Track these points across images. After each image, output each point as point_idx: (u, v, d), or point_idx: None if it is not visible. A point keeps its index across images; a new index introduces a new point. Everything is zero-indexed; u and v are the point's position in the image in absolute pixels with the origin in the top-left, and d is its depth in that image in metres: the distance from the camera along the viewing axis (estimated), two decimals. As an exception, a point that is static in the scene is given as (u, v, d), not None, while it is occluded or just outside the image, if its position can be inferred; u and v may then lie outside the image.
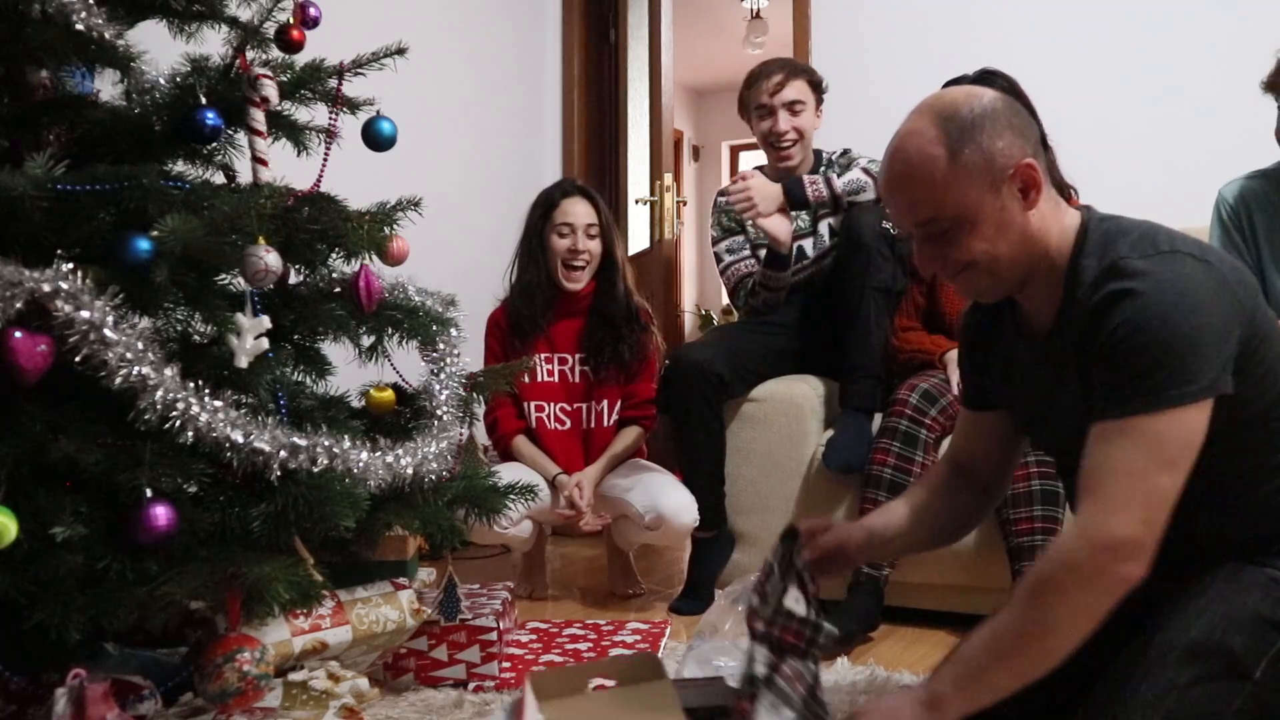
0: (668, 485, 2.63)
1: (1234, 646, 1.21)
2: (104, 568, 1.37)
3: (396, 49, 1.84)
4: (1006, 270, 1.29)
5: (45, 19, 1.49)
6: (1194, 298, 1.19)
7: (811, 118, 2.78)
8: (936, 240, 1.29)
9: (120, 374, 1.35)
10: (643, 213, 4.18)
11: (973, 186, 1.24)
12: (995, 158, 1.24)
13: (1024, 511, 2.19)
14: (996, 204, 1.25)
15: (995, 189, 1.25)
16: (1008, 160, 1.25)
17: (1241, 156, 2.26)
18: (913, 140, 1.27)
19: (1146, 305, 1.18)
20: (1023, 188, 1.26)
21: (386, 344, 1.86)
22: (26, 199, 1.36)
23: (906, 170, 1.27)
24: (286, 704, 1.53)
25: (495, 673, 1.96)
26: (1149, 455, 1.17)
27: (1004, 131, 1.25)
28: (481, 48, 3.78)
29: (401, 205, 1.79)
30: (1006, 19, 3.32)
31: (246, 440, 1.45)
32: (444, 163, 3.45)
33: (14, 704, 1.49)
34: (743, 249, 2.86)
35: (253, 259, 1.50)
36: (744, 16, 6.39)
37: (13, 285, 1.30)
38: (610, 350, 2.76)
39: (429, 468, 1.72)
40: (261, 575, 1.42)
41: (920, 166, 1.25)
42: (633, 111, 4.21)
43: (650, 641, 2.28)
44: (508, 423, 2.76)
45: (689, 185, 7.82)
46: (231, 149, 1.77)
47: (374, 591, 1.80)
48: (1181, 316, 1.17)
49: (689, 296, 7.74)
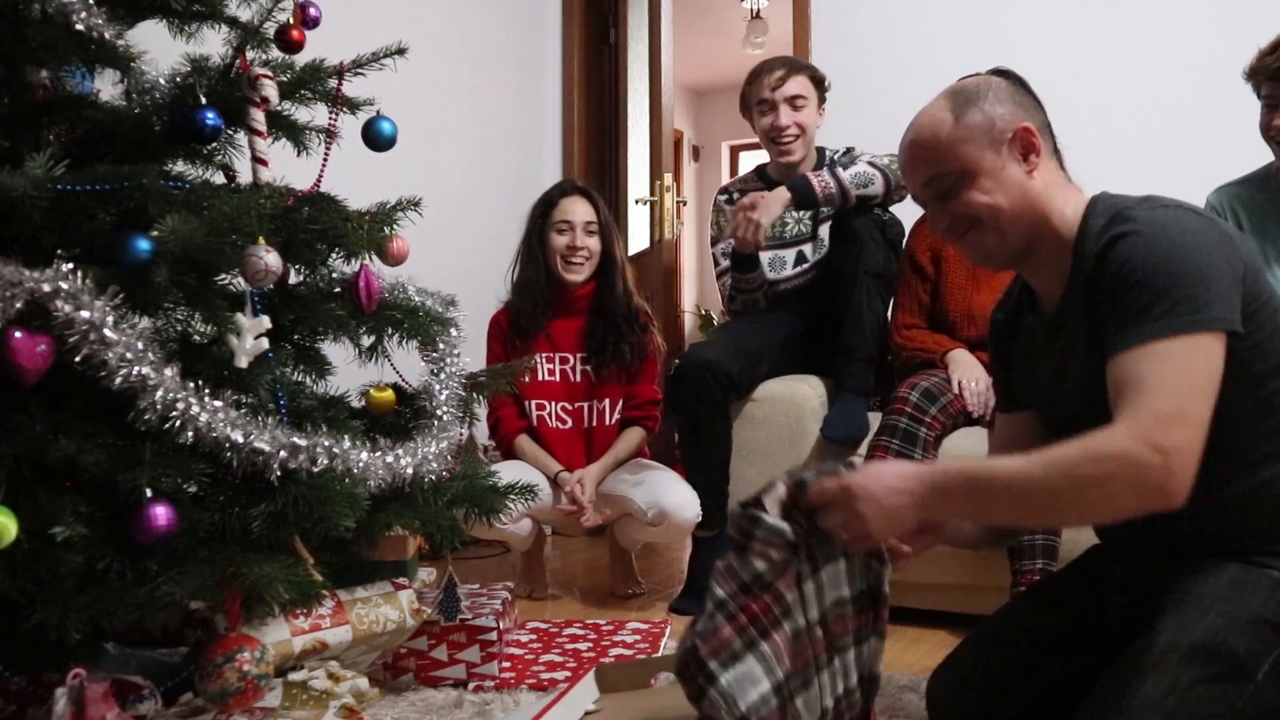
0: (670, 482, 2.63)
1: (1236, 648, 1.21)
2: (104, 568, 1.37)
3: (396, 49, 1.84)
4: (1010, 226, 1.34)
5: (45, 19, 1.49)
6: (1196, 238, 1.23)
7: (813, 114, 2.77)
8: (943, 198, 1.37)
9: (120, 374, 1.35)
10: (643, 213, 4.18)
11: (973, 144, 1.33)
12: (995, 121, 1.34)
13: (1024, 511, 2.19)
14: (997, 162, 1.33)
15: (996, 148, 1.34)
16: (1006, 124, 1.34)
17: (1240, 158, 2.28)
18: (925, 114, 1.39)
19: (1149, 242, 1.23)
20: (1023, 151, 1.34)
21: (386, 344, 1.86)
22: (26, 199, 1.36)
23: (918, 138, 1.38)
24: (286, 704, 1.53)
25: (495, 673, 1.96)
26: (1180, 376, 1.17)
27: (1005, 101, 1.36)
28: (481, 48, 3.78)
29: (401, 205, 1.79)
30: (1007, 18, 3.32)
31: (246, 440, 1.45)
32: (444, 163, 3.45)
33: (14, 704, 1.49)
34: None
35: (253, 259, 1.50)
36: (744, 16, 6.39)
37: (13, 285, 1.30)
38: (612, 349, 2.77)
39: (429, 468, 1.72)
40: (261, 575, 1.42)
41: (928, 130, 1.36)
42: (633, 111, 4.21)
43: (650, 641, 2.28)
44: (510, 422, 2.77)
45: (689, 185, 7.82)
46: (231, 149, 1.77)
47: (374, 591, 1.80)
48: (1186, 253, 1.21)
49: (689, 296, 7.74)
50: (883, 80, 3.41)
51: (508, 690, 1.92)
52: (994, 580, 2.25)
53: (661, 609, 2.64)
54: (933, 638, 2.31)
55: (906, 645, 2.26)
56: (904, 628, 2.37)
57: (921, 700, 1.62)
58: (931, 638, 2.31)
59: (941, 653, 1.61)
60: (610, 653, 2.20)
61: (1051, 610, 1.48)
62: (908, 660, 2.13)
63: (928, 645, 2.25)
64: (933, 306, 2.62)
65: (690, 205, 7.71)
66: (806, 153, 2.77)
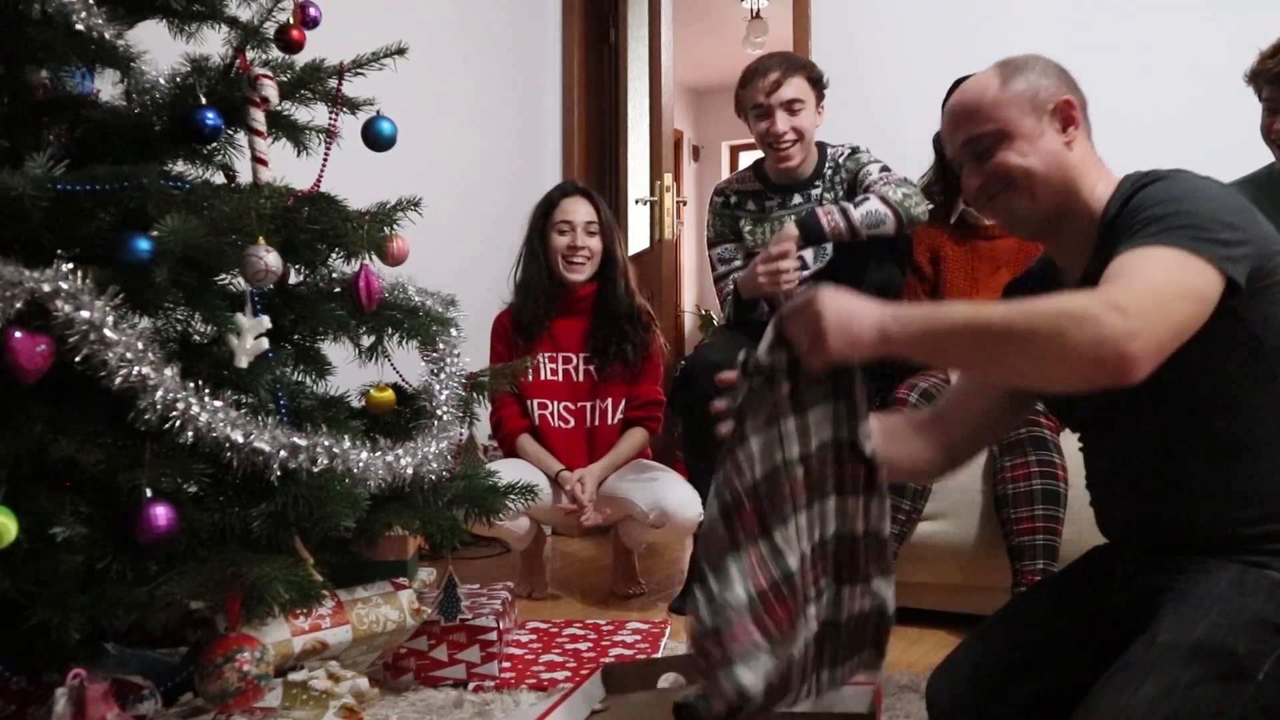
0: (671, 483, 2.63)
1: (1237, 648, 1.21)
2: (104, 568, 1.37)
3: (396, 49, 1.84)
4: (1041, 191, 1.37)
5: (45, 19, 1.49)
6: (1221, 195, 1.26)
7: (812, 115, 2.63)
8: (980, 157, 1.40)
9: (120, 374, 1.35)
10: (643, 213, 4.17)
11: (1015, 107, 1.37)
12: (1039, 91, 1.38)
13: (1025, 511, 2.19)
14: (1036, 128, 1.37)
15: (1037, 115, 1.37)
16: (1050, 95, 1.38)
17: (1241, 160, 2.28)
18: (973, 79, 1.43)
19: (1170, 184, 1.27)
20: (1063, 123, 1.38)
21: (386, 344, 1.86)
22: (26, 199, 1.36)
23: (963, 98, 1.42)
24: (286, 704, 1.53)
25: (495, 673, 1.96)
26: (1169, 273, 1.17)
27: (1052, 75, 1.40)
28: (481, 48, 3.78)
29: (401, 205, 1.79)
30: (1007, 18, 3.32)
31: (246, 440, 1.45)
32: (444, 163, 3.45)
33: (14, 704, 1.49)
34: (734, 258, 2.79)
35: (253, 259, 1.50)
36: (744, 16, 6.39)
37: (13, 285, 1.30)
38: (615, 348, 2.77)
39: (429, 468, 1.72)
40: (261, 575, 1.42)
41: (974, 92, 1.40)
42: (633, 111, 4.21)
43: (650, 641, 2.28)
44: (512, 421, 2.78)
45: (689, 185, 7.82)
46: (231, 149, 1.77)
47: (374, 591, 1.80)
48: (1202, 197, 1.24)
49: (689, 297, 7.74)
50: (883, 80, 3.41)
51: (508, 690, 1.92)
52: (994, 580, 2.25)
53: (662, 609, 2.64)
54: (933, 638, 2.31)
55: (906, 645, 2.26)
56: (904, 628, 2.37)
57: (921, 700, 1.62)
58: (931, 638, 2.31)
59: (941, 653, 1.61)
60: (610, 653, 2.20)
61: (1052, 610, 1.48)
62: (908, 660, 2.13)
63: (928, 645, 2.25)
64: (933, 307, 2.61)
65: (690, 205, 7.70)
66: (806, 155, 2.65)
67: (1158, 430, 1.33)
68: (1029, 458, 2.22)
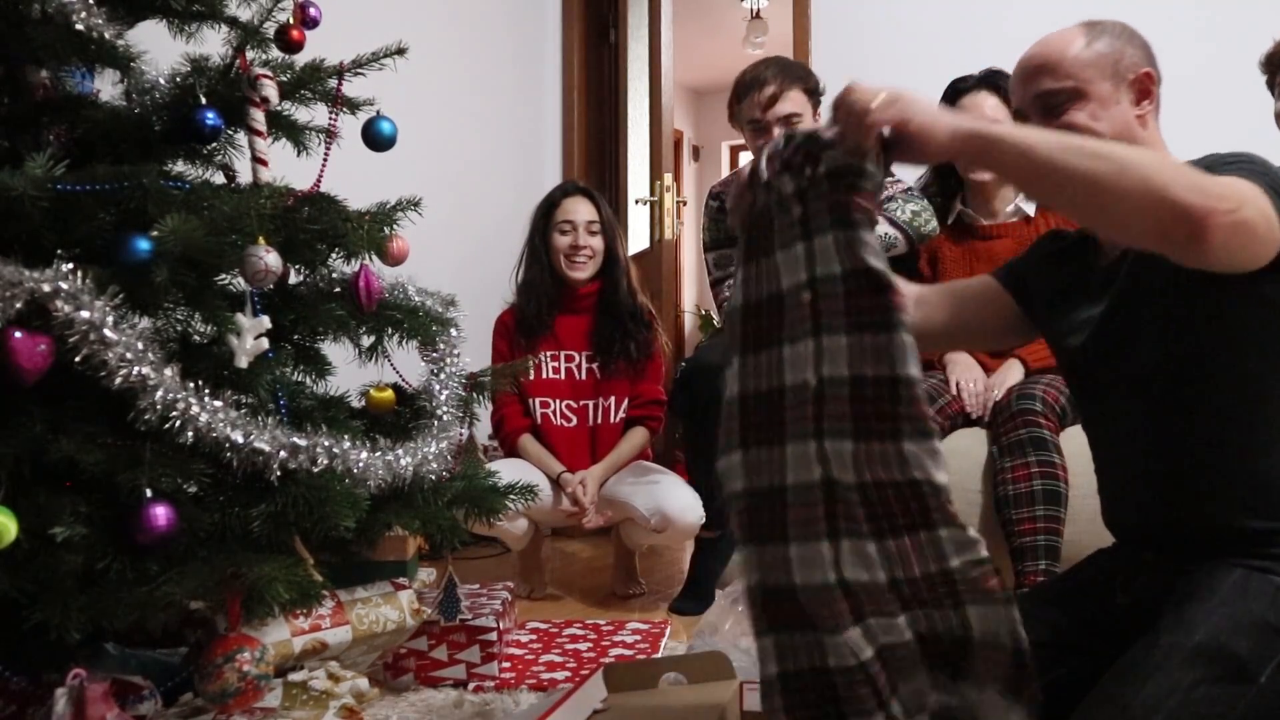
0: (672, 486, 2.63)
1: (1239, 651, 1.21)
2: (104, 568, 1.36)
3: (396, 49, 1.84)
4: None
5: (45, 19, 1.48)
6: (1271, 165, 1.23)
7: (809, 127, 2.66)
8: (1049, 113, 1.36)
9: (120, 374, 1.35)
10: (643, 213, 4.17)
11: (1095, 69, 1.35)
12: (1123, 58, 1.36)
13: (1026, 512, 2.19)
14: (1113, 95, 1.35)
15: (1115, 82, 1.36)
16: (1132, 63, 1.37)
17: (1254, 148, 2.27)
18: (1057, 33, 1.40)
19: (1220, 154, 1.25)
20: (1139, 95, 1.37)
21: (386, 344, 1.86)
22: (26, 199, 1.36)
23: (1044, 50, 1.39)
24: (286, 704, 1.53)
25: (495, 673, 1.96)
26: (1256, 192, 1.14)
27: (1138, 44, 1.39)
28: (481, 48, 3.78)
29: (401, 205, 1.78)
30: (1007, 18, 3.32)
31: (246, 440, 1.45)
32: (444, 163, 3.45)
33: (14, 704, 1.48)
34: (729, 265, 2.79)
35: (253, 259, 1.50)
36: (744, 16, 6.39)
37: (13, 285, 1.29)
38: (618, 346, 2.78)
39: (429, 468, 1.71)
40: (261, 575, 1.42)
41: (1056, 47, 1.38)
42: (633, 111, 4.21)
43: (650, 642, 2.28)
44: (514, 420, 2.78)
45: (689, 185, 7.83)
46: (231, 149, 1.76)
47: (374, 591, 1.80)
48: (1257, 163, 1.21)
49: (689, 297, 7.74)
50: (883, 80, 3.37)
51: (508, 690, 1.92)
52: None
53: (662, 609, 2.64)
54: (933, 638, 2.30)
55: (907, 645, 2.25)
56: (904, 628, 2.37)
57: (922, 701, 1.62)
58: (932, 638, 2.30)
59: (942, 653, 1.61)
60: (610, 653, 2.20)
61: (1054, 611, 1.48)
62: (908, 660, 2.13)
63: (928, 645, 2.25)
64: (932, 307, 2.61)
65: (690, 205, 7.70)
66: None
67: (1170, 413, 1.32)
68: (1029, 459, 2.22)
